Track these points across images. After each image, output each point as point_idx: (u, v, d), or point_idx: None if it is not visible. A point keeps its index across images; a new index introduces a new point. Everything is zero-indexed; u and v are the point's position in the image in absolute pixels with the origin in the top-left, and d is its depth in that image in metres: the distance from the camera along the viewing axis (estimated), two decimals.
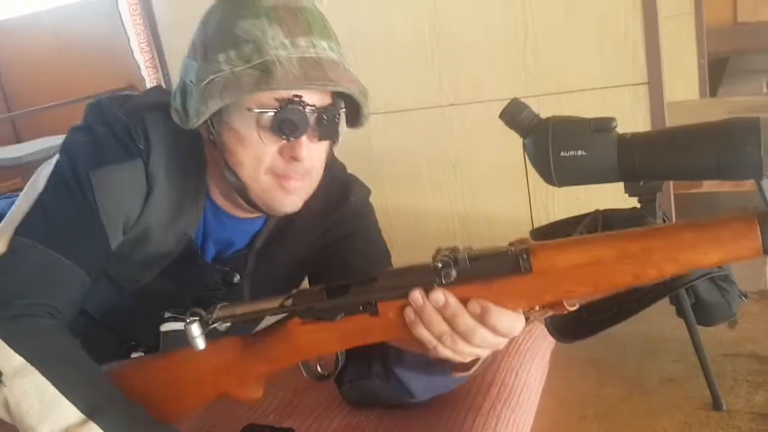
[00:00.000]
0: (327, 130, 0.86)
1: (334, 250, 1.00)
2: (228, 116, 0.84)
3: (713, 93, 3.02)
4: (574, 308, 0.69)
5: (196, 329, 0.77)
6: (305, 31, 0.85)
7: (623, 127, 0.96)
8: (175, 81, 2.33)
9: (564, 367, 1.02)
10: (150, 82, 2.43)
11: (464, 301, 0.68)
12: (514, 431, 0.87)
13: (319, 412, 0.98)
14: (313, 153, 0.86)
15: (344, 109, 0.88)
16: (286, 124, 0.82)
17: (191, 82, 0.86)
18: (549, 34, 1.73)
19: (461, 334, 0.68)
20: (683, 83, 2.76)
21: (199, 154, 0.93)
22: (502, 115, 1.04)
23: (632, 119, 1.64)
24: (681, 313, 0.95)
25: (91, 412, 0.76)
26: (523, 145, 1.04)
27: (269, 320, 0.82)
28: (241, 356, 0.82)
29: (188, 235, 0.92)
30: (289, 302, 0.77)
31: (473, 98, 1.84)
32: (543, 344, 1.05)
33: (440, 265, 0.68)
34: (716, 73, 3.39)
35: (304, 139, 0.84)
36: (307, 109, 0.83)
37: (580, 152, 0.99)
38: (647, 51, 1.63)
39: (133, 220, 0.88)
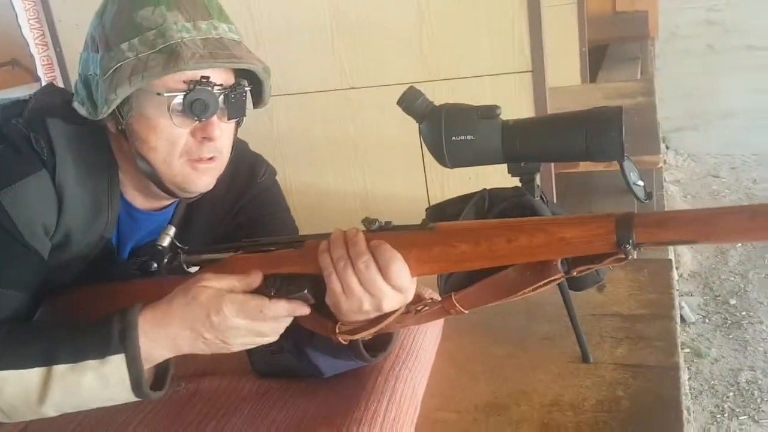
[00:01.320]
0: (235, 109, 0.91)
1: (246, 230, 1.05)
2: (138, 103, 0.86)
3: (593, 78, 3.24)
4: (461, 312, 0.80)
5: (167, 240, 0.88)
6: (204, 15, 0.88)
7: (510, 112, 1.06)
8: (69, 58, 2.26)
9: (456, 330, 1.13)
10: (40, 60, 2.35)
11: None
12: (411, 388, 0.96)
13: (231, 379, 1.04)
14: (223, 132, 0.91)
15: (249, 88, 0.92)
16: (197, 105, 0.86)
17: (95, 74, 0.87)
18: (443, 23, 1.82)
19: (353, 259, 0.76)
20: (567, 69, 2.95)
21: (107, 153, 0.94)
22: (399, 102, 1.12)
23: (518, 104, 1.77)
24: None
25: (47, 361, 0.78)
26: (419, 129, 1.12)
27: None
28: None
29: (105, 238, 0.94)
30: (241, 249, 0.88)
31: (373, 82, 1.92)
32: None
33: (368, 220, 0.80)
34: (597, 59, 3.63)
35: (215, 119, 0.88)
36: (215, 89, 0.87)
37: (469, 137, 1.07)
38: (531, 41, 1.75)
39: (53, 229, 0.89)
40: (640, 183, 1.06)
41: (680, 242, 0.68)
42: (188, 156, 0.89)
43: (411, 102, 1.11)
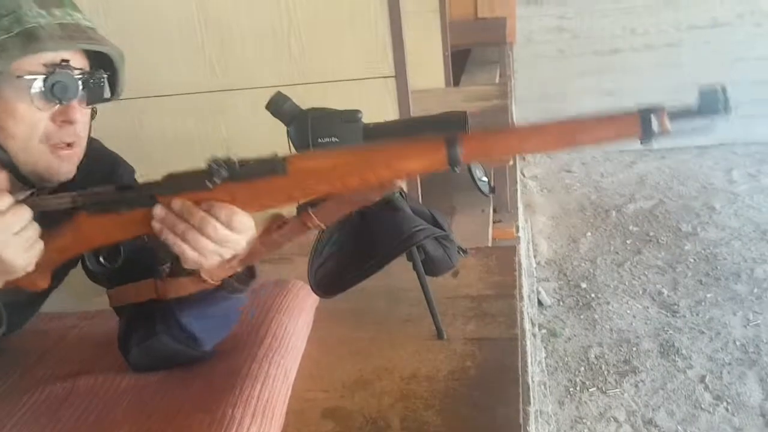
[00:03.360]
0: (94, 95, 0.94)
1: None
2: None
3: (457, 82, 3.43)
4: (319, 226, 0.89)
5: None
6: (57, 4, 0.91)
7: (377, 115, 1.16)
8: None
9: (326, 317, 1.23)
10: None
11: (231, 199, 0.85)
12: (283, 372, 1.04)
13: (107, 376, 1.07)
14: (83, 117, 0.94)
15: (107, 75, 0.96)
16: (58, 87, 0.88)
17: None
18: (310, 28, 1.90)
19: (199, 228, 0.83)
20: (432, 73, 3.11)
21: None
22: (267, 107, 1.18)
23: (384, 107, 1.87)
24: (414, 267, 1.18)
25: None
26: (287, 132, 1.19)
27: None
28: None
29: None
30: (78, 198, 0.88)
31: (244, 84, 1.96)
32: (308, 301, 1.25)
33: (215, 166, 0.85)
34: (461, 63, 3.85)
35: (75, 102, 0.91)
36: (75, 72, 0.90)
37: (333, 139, 1.16)
38: (394, 47, 1.86)
39: None
40: (484, 179, 1.20)
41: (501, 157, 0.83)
42: (48, 141, 0.90)
43: (279, 106, 1.18)
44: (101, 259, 0.94)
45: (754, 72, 4.44)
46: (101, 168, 1.09)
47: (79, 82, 0.90)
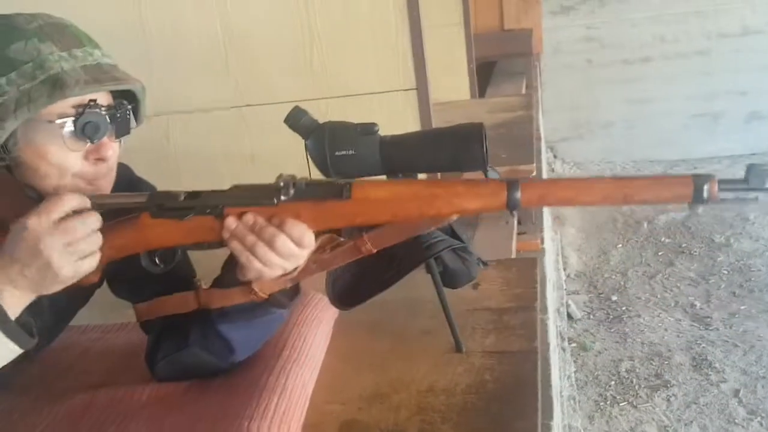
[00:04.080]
0: (122, 128, 0.96)
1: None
2: (25, 135, 0.89)
3: (482, 93, 3.43)
4: (370, 252, 0.92)
5: None
6: (76, 44, 0.93)
7: (399, 127, 1.16)
8: None
9: (345, 330, 1.22)
10: None
11: (295, 216, 0.88)
12: (301, 384, 1.04)
13: (128, 388, 1.08)
14: (114, 153, 0.96)
15: (131, 106, 0.98)
16: (89, 128, 0.90)
17: None
18: (331, 42, 1.92)
19: (269, 242, 0.87)
20: (456, 85, 3.12)
21: None
22: (285, 120, 1.20)
23: (405, 120, 1.88)
24: (433, 278, 1.18)
25: None
26: (305, 145, 1.20)
27: None
28: None
29: None
30: (146, 200, 0.91)
31: (266, 99, 1.98)
32: (327, 313, 1.25)
33: (282, 184, 0.89)
34: (486, 74, 3.84)
35: (105, 139, 0.93)
36: (103, 110, 0.92)
37: (351, 151, 1.16)
38: (414, 60, 1.87)
39: None
40: None
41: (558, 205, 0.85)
42: (83, 177, 0.93)
43: (296, 120, 1.19)
44: (156, 259, 0.96)
45: None
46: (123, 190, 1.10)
47: (107, 118, 0.92)
